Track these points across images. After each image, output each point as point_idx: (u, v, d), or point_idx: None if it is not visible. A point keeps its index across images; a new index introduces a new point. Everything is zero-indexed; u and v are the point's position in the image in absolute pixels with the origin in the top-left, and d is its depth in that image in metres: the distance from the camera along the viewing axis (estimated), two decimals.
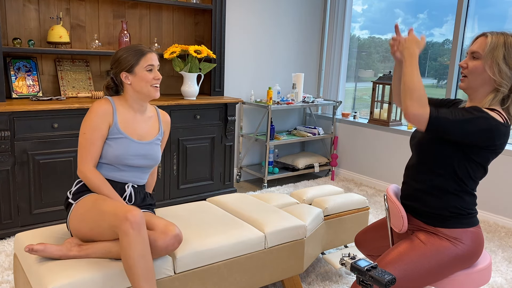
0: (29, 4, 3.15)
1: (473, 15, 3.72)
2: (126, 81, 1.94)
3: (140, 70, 1.92)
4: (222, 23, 3.71)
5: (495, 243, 3.12)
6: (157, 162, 2.04)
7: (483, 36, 1.62)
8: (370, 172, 4.38)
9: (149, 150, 1.98)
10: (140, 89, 1.94)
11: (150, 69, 1.94)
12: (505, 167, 3.41)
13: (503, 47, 1.56)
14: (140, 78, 1.92)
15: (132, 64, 1.91)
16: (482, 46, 1.59)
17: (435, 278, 1.63)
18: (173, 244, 1.76)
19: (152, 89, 1.95)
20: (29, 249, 1.68)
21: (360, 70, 4.84)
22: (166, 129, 2.14)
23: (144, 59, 1.93)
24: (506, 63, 1.56)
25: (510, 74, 1.57)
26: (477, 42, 1.63)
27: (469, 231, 1.64)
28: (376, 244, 1.93)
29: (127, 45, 2.02)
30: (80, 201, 1.86)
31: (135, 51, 1.93)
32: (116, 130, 1.92)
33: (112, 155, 1.90)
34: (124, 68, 1.92)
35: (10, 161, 2.78)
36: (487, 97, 1.61)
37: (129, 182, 1.97)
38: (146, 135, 2.01)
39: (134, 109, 2.00)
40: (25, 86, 3.16)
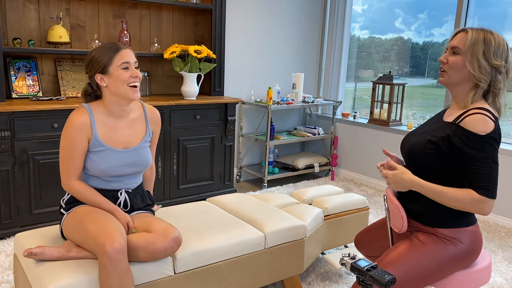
0: (29, 4, 3.15)
1: (473, 15, 3.72)
2: (101, 84, 1.78)
3: (114, 69, 1.75)
4: (222, 23, 3.71)
5: (495, 243, 3.12)
6: (147, 165, 1.94)
7: (463, 31, 1.64)
8: (370, 172, 4.38)
9: (136, 156, 1.88)
10: (116, 90, 1.77)
11: (126, 67, 1.77)
12: (505, 167, 3.41)
13: (482, 43, 1.58)
14: (116, 77, 1.75)
15: (106, 63, 1.75)
16: (463, 42, 1.61)
17: (435, 278, 1.63)
18: (172, 247, 1.75)
19: (129, 90, 1.77)
20: (28, 253, 1.67)
21: (360, 70, 4.84)
22: (155, 128, 2.00)
23: (118, 57, 1.76)
24: (486, 59, 1.58)
25: (489, 69, 1.59)
26: (457, 37, 1.65)
27: (467, 230, 1.64)
28: (375, 245, 1.93)
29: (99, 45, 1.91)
30: (71, 213, 1.81)
31: (108, 48, 1.77)
32: (96, 142, 1.80)
33: (97, 170, 1.81)
34: (98, 69, 1.76)
35: (10, 161, 2.79)
36: (468, 95, 1.63)
37: (121, 189, 1.90)
38: (131, 141, 1.88)
39: (114, 114, 1.85)
40: (25, 86, 3.16)
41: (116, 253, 1.58)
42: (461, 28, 1.67)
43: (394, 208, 1.71)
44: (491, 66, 1.59)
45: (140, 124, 1.94)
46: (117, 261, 1.58)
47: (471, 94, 1.62)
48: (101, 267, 1.59)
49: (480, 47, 1.58)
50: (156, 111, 2.02)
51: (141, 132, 1.93)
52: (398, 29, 4.43)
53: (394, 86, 4.07)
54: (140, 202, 1.98)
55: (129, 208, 1.93)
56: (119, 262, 1.59)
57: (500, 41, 1.61)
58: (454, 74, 1.64)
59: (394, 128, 4.12)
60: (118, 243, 1.59)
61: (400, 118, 4.20)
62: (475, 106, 1.60)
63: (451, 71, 1.64)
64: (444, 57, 1.67)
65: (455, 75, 1.64)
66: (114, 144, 1.83)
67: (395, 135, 4.11)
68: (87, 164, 1.82)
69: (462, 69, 1.61)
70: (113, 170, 1.83)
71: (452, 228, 1.63)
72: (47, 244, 1.85)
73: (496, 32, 1.62)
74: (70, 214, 1.82)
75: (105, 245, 1.58)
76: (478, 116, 1.55)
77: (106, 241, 1.58)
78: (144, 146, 1.92)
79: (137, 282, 1.75)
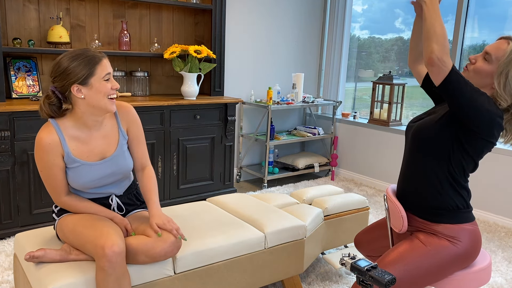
0: (29, 4, 3.15)
1: (473, 15, 3.72)
2: (78, 95, 1.65)
3: (97, 80, 1.64)
4: (222, 23, 3.71)
5: (495, 243, 3.12)
6: (128, 170, 1.85)
7: (505, 40, 1.56)
8: (370, 172, 4.38)
9: (114, 166, 1.79)
10: (96, 103, 1.66)
11: (108, 78, 1.68)
12: (504, 167, 3.41)
13: None
14: (97, 90, 1.65)
15: (87, 74, 1.63)
16: (499, 51, 1.54)
17: (435, 278, 1.63)
18: (172, 251, 1.75)
19: (109, 102, 1.68)
20: (29, 256, 1.67)
21: (360, 70, 4.84)
22: (129, 125, 1.86)
23: (101, 67, 1.65)
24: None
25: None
26: (496, 44, 1.57)
27: (466, 229, 1.64)
28: (375, 245, 1.93)
29: (72, 51, 1.66)
30: (63, 219, 1.79)
31: (88, 58, 1.64)
32: (70, 159, 1.71)
33: (77, 184, 1.75)
34: (77, 80, 1.63)
35: (10, 161, 2.78)
36: None
37: (111, 194, 1.86)
38: (107, 150, 1.79)
39: (88, 126, 1.74)
40: (25, 86, 3.16)
41: (116, 256, 1.57)
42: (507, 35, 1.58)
43: (394, 208, 1.71)
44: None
45: (113, 129, 1.82)
46: (116, 264, 1.58)
47: None
48: (99, 270, 1.58)
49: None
50: (126, 106, 1.86)
51: (115, 137, 1.82)
52: (398, 29, 4.43)
53: (394, 86, 4.07)
54: (135, 200, 1.96)
55: (124, 211, 1.92)
56: (117, 265, 1.58)
57: None
58: (476, 78, 1.59)
59: (394, 128, 4.12)
60: (118, 247, 1.58)
61: (400, 118, 4.20)
62: None
63: (473, 73, 1.60)
64: (474, 57, 1.61)
65: (475, 80, 1.59)
66: (88, 158, 1.75)
67: (395, 135, 4.11)
68: (68, 180, 1.76)
69: (485, 78, 1.56)
70: (93, 183, 1.77)
71: (451, 225, 1.63)
72: (47, 244, 1.85)
73: None
74: (62, 220, 1.79)
75: (104, 248, 1.56)
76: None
77: (106, 244, 1.57)
78: (121, 152, 1.82)
79: (137, 282, 1.75)
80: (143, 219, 1.85)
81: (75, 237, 1.70)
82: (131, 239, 1.72)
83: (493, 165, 3.46)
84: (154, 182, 1.89)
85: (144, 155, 1.92)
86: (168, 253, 1.74)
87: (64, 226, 1.76)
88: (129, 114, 1.86)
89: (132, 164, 1.89)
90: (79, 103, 1.68)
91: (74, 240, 1.71)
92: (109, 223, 1.73)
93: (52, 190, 1.75)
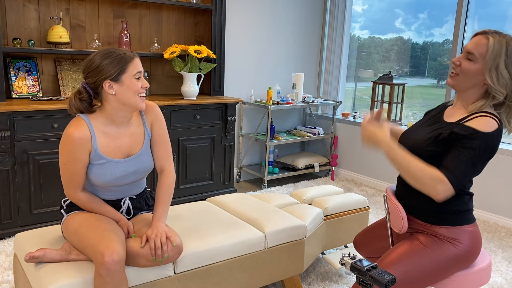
0: (29, 4, 3.15)
1: (473, 15, 3.72)
2: (109, 91, 1.68)
3: (128, 78, 1.69)
4: (222, 23, 3.71)
5: (495, 243, 3.12)
6: (150, 169, 1.87)
7: (483, 36, 1.54)
8: (370, 172, 4.38)
9: (138, 164, 1.81)
10: (127, 100, 1.70)
11: (139, 76, 1.72)
12: (505, 167, 3.41)
13: (505, 53, 1.50)
14: (128, 87, 1.69)
15: (119, 71, 1.68)
16: (480, 49, 1.53)
17: (435, 279, 1.63)
18: (172, 256, 1.74)
19: (139, 99, 1.72)
20: (29, 257, 1.67)
21: (360, 70, 4.84)
22: (155, 124, 1.88)
23: (132, 65, 1.70)
24: (508, 71, 1.51)
25: (509, 82, 1.52)
26: (474, 41, 1.55)
27: (466, 231, 1.64)
28: (375, 246, 1.93)
29: (104, 50, 1.72)
30: (70, 217, 1.79)
31: (120, 56, 1.69)
32: (97, 156, 1.73)
33: (99, 182, 1.76)
34: (109, 76, 1.67)
35: (10, 161, 2.78)
36: (477, 103, 1.56)
37: (124, 197, 1.88)
38: (134, 147, 1.82)
39: (116, 123, 1.77)
40: (25, 86, 3.16)
41: (115, 264, 1.56)
42: (482, 30, 1.56)
43: (394, 209, 1.71)
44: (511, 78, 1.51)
45: (140, 127, 1.85)
46: (114, 272, 1.57)
47: (480, 104, 1.55)
48: (98, 276, 1.57)
49: (503, 57, 1.49)
50: (151, 105, 1.89)
51: (141, 135, 1.85)
52: (398, 29, 4.43)
53: (394, 86, 4.07)
54: (144, 204, 1.97)
55: (131, 216, 1.92)
56: (116, 273, 1.58)
57: None
58: (465, 79, 1.57)
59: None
60: (117, 255, 1.57)
61: (400, 118, 4.20)
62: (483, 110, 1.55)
63: (462, 75, 1.57)
64: (457, 59, 1.59)
65: (466, 81, 1.57)
66: (115, 155, 1.77)
67: None
68: (89, 176, 1.76)
69: (475, 77, 1.55)
70: (115, 180, 1.78)
71: (451, 227, 1.63)
72: (47, 245, 1.85)
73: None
74: (69, 217, 1.80)
75: (104, 255, 1.55)
76: (485, 118, 1.52)
77: (106, 251, 1.55)
78: (146, 151, 1.84)
79: (137, 283, 1.75)
80: (146, 222, 1.85)
81: (78, 238, 1.70)
82: (133, 242, 1.72)
83: (494, 165, 3.46)
84: (166, 191, 1.86)
85: (165, 157, 1.89)
86: (170, 257, 1.74)
87: (70, 225, 1.76)
88: (154, 112, 1.88)
89: (153, 164, 1.89)
90: (109, 99, 1.71)
91: (76, 242, 1.71)
92: (112, 226, 1.72)
93: (69, 184, 1.74)
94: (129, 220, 1.90)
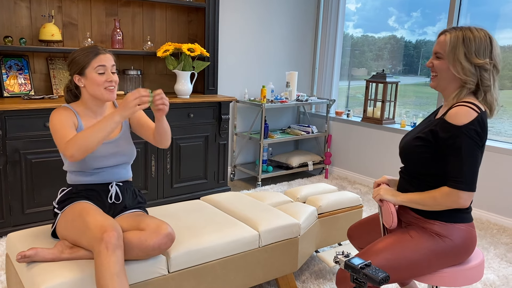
0: (21, 2, 3.12)
1: (466, 13, 3.74)
2: (79, 84, 1.86)
3: (91, 72, 1.82)
4: (216, 21, 3.70)
5: (487, 240, 3.15)
6: (132, 156, 1.98)
7: (443, 34, 1.65)
8: (363, 170, 4.40)
9: (116, 147, 1.92)
10: (93, 92, 1.85)
11: (102, 71, 1.83)
12: (498, 165, 3.44)
13: (462, 44, 1.59)
14: (91, 80, 1.83)
15: (83, 65, 1.82)
16: (443, 46, 1.63)
17: (418, 271, 1.65)
18: (165, 243, 1.75)
19: (105, 92, 1.85)
20: (21, 256, 1.67)
21: (353, 68, 4.85)
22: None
23: (95, 60, 1.82)
24: (468, 60, 1.59)
25: (473, 70, 1.60)
26: (439, 41, 1.66)
27: (460, 229, 1.65)
28: (368, 238, 1.96)
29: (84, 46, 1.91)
30: (66, 210, 1.82)
31: (88, 52, 1.83)
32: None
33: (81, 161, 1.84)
34: (76, 70, 1.84)
35: (1, 161, 2.76)
36: (454, 95, 1.65)
37: (112, 181, 1.93)
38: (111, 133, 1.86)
39: (93, 111, 1.92)
40: (16, 84, 3.13)
41: (115, 239, 1.61)
42: (443, 29, 1.67)
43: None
44: (475, 66, 1.59)
45: None
46: (115, 246, 1.61)
47: (456, 93, 1.64)
48: (97, 256, 1.60)
49: (461, 49, 1.59)
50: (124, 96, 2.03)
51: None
52: (391, 27, 4.44)
53: (387, 85, 4.09)
54: (131, 198, 1.98)
55: (121, 200, 1.93)
56: (116, 248, 1.61)
57: (481, 37, 1.60)
58: (442, 77, 1.67)
59: (387, 126, 4.13)
60: (117, 232, 1.64)
61: (393, 116, 4.22)
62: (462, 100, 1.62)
63: (439, 74, 1.67)
64: (429, 62, 1.70)
65: (443, 79, 1.67)
66: None
67: (388, 133, 4.13)
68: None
69: (448, 72, 1.64)
70: (96, 160, 1.86)
71: (444, 223, 1.65)
72: (39, 244, 1.84)
73: (475, 28, 1.62)
74: (67, 211, 1.82)
75: (103, 234, 1.61)
76: (460, 107, 1.58)
77: (104, 232, 1.62)
78: (124, 137, 1.96)
79: (131, 282, 1.74)
80: (137, 218, 1.86)
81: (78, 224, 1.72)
82: (125, 234, 1.74)
83: (486, 163, 3.49)
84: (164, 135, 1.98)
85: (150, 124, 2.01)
86: (162, 245, 1.74)
87: (69, 215, 1.78)
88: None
89: (134, 152, 2.00)
90: (82, 90, 1.89)
91: (75, 229, 1.73)
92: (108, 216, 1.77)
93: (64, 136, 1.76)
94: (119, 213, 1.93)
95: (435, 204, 1.62)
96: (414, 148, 1.68)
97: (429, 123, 1.72)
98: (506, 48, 3.63)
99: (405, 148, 1.73)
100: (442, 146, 1.60)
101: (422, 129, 1.71)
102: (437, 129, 1.61)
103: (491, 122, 3.69)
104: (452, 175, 1.58)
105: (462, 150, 1.55)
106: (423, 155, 1.65)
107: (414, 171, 1.72)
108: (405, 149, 1.73)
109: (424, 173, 1.68)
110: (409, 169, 1.75)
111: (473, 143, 1.55)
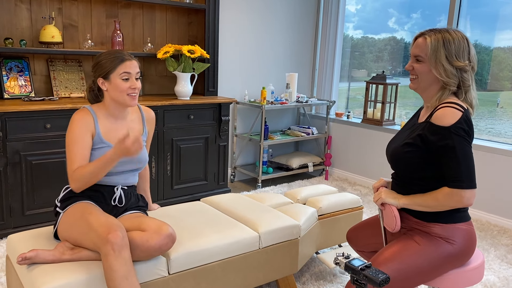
0: (21, 3, 3.13)
1: (465, 15, 3.74)
2: (102, 87, 1.90)
3: (115, 77, 1.86)
4: (216, 23, 3.71)
5: (488, 242, 3.15)
6: (144, 163, 2.02)
7: (422, 37, 1.66)
8: (363, 172, 4.40)
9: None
10: (116, 97, 1.88)
11: (126, 77, 1.87)
12: (498, 166, 3.44)
13: (443, 47, 1.61)
14: (115, 85, 1.86)
15: (109, 70, 1.86)
16: (424, 49, 1.64)
17: (428, 277, 1.64)
18: (166, 244, 1.76)
19: (128, 98, 1.89)
20: (21, 258, 1.67)
21: (353, 69, 4.86)
22: (150, 128, 2.11)
23: (121, 66, 1.86)
24: (450, 63, 1.61)
25: (455, 72, 1.62)
26: (417, 44, 1.67)
27: (461, 229, 1.65)
28: (367, 241, 1.95)
29: (109, 50, 1.95)
30: (68, 210, 1.83)
31: (115, 57, 1.87)
32: (99, 139, 1.88)
33: None
34: (101, 74, 1.87)
35: (2, 162, 2.76)
36: (436, 97, 1.66)
37: (118, 184, 1.95)
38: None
39: (114, 115, 1.95)
40: (17, 86, 3.13)
41: (120, 240, 1.62)
42: (419, 32, 1.69)
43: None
44: (456, 68, 1.62)
45: (138, 124, 2.04)
46: (121, 247, 1.62)
47: (438, 95, 1.66)
48: (105, 258, 1.61)
49: (442, 52, 1.61)
50: (151, 112, 2.12)
51: (138, 131, 2.02)
52: (391, 28, 4.45)
53: (387, 86, 4.09)
54: (134, 201, 2.00)
55: (123, 204, 1.94)
56: (122, 249, 1.62)
57: (460, 39, 1.62)
58: (423, 80, 1.68)
59: (388, 127, 4.13)
60: (121, 233, 1.65)
61: (393, 118, 4.22)
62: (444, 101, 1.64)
63: (420, 77, 1.68)
64: (409, 65, 1.71)
65: (424, 81, 1.68)
66: (114, 142, 1.89)
67: (388, 134, 4.13)
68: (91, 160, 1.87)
69: (429, 75, 1.65)
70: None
71: (445, 225, 1.65)
72: (40, 245, 1.83)
73: (453, 30, 1.65)
74: (68, 211, 1.82)
75: (108, 235, 1.62)
76: (445, 109, 1.60)
77: (109, 233, 1.63)
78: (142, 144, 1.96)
79: None
80: (137, 219, 1.86)
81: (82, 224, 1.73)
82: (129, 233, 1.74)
83: (485, 164, 3.49)
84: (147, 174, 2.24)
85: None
86: (163, 246, 1.75)
87: (72, 215, 1.79)
88: (152, 118, 2.12)
89: (147, 158, 2.05)
90: (105, 94, 1.93)
91: (79, 229, 1.73)
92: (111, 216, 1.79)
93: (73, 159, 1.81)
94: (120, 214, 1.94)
95: (438, 205, 1.62)
96: (403, 154, 1.69)
97: (414, 127, 1.73)
98: (506, 49, 3.63)
99: (394, 155, 1.74)
100: (433, 149, 1.60)
101: (408, 135, 1.72)
102: (425, 133, 1.62)
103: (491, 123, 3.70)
104: (450, 176, 1.58)
105: (456, 150, 1.56)
106: (413, 160, 1.66)
107: (405, 176, 1.73)
108: (394, 156, 1.74)
109: (416, 177, 1.69)
110: (400, 174, 1.76)
111: (464, 141, 1.57)
